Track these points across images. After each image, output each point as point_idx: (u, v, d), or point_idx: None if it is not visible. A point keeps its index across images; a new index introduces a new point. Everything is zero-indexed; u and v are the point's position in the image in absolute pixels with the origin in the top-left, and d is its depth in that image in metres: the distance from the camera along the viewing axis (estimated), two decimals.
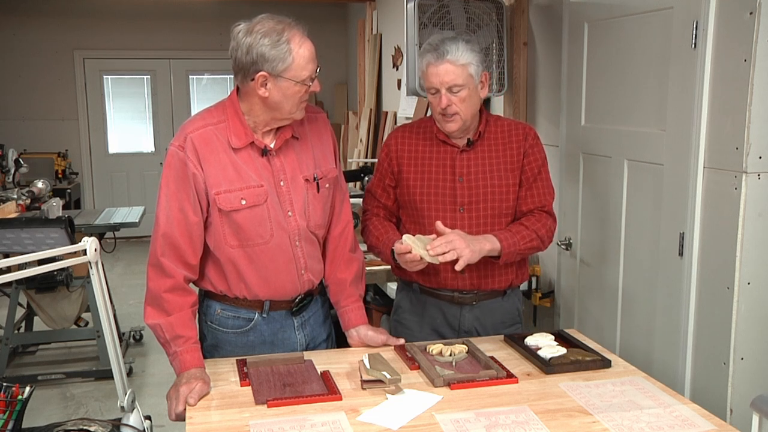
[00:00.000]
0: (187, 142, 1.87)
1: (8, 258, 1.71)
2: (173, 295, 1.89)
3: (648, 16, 2.48)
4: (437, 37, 2.10)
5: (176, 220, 1.88)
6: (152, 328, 1.90)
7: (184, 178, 1.87)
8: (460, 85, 2.05)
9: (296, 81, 1.82)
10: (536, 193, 2.20)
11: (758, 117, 2.06)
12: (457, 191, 2.16)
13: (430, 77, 2.06)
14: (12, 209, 4.27)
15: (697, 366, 2.33)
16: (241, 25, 1.83)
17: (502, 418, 1.62)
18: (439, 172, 2.18)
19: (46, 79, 7.97)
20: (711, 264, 2.25)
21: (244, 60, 1.81)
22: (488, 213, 2.16)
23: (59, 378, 4.20)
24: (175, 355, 1.87)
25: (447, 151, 2.18)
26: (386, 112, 6.19)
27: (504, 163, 2.17)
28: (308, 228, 1.99)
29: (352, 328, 2.10)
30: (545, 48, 3.26)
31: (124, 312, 5.36)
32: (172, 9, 8.01)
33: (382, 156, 2.28)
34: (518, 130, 2.21)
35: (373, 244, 2.24)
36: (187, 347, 1.87)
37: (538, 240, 2.16)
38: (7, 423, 1.83)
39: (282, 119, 1.91)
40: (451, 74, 2.03)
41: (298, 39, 1.81)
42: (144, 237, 8.20)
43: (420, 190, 2.18)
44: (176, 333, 1.87)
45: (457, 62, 2.03)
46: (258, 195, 1.90)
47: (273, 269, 1.96)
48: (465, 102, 2.07)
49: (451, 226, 2.12)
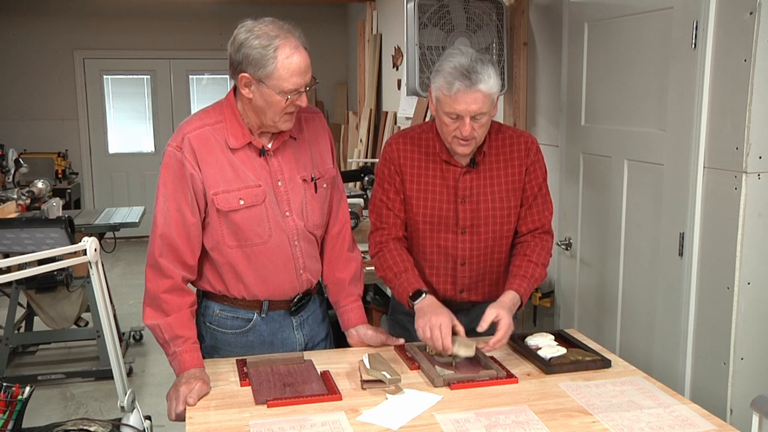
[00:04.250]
0: (184, 143, 1.87)
1: (8, 258, 1.71)
2: (172, 296, 1.89)
3: (648, 16, 2.48)
4: (464, 59, 1.93)
5: (174, 221, 1.88)
6: (151, 329, 1.90)
7: (181, 178, 1.87)
8: (484, 112, 1.95)
9: (276, 91, 1.79)
10: (536, 212, 2.16)
11: (758, 117, 2.06)
12: (459, 213, 2.11)
13: (458, 105, 1.92)
14: (12, 209, 4.26)
15: (697, 366, 2.33)
16: (247, 21, 1.83)
17: (502, 418, 1.62)
18: (442, 192, 2.11)
19: (46, 79, 7.97)
20: (711, 264, 2.25)
21: (234, 57, 1.82)
22: (489, 236, 2.13)
23: (59, 378, 4.20)
24: (174, 355, 1.87)
25: (449, 171, 2.11)
26: (386, 112, 6.19)
27: (506, 183, 2.13)
28: (306, 228, 1.99)
29: (352, 327, 2.10)
30: (545, 48, 3.26)
31: (124, 312, 5.36)
32: (172, 9, 8.01)
33: (383, 168, 2.17)
34: (520, 144, 2.14)
35: (387, 278, 2.12)
36: (186, 347, 1.87)
37: (545, 269, 2.15)
38: (7, 423, 1.83)
39: (268, 125, 1.89)
40: (480, 103, 1.92)
41: (287, 50, 1.77)
42: (144, 237, 8.20)
43: (423, 211, 2.13)
44: (175, 333, 1.87)
45: (488, 91, 1.92)
46: (256, 195, 1.90)
47: (272, 269, 1.96)
48: (483, 127, 2.00)
49: (452, 248, 2.12)
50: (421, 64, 3.08)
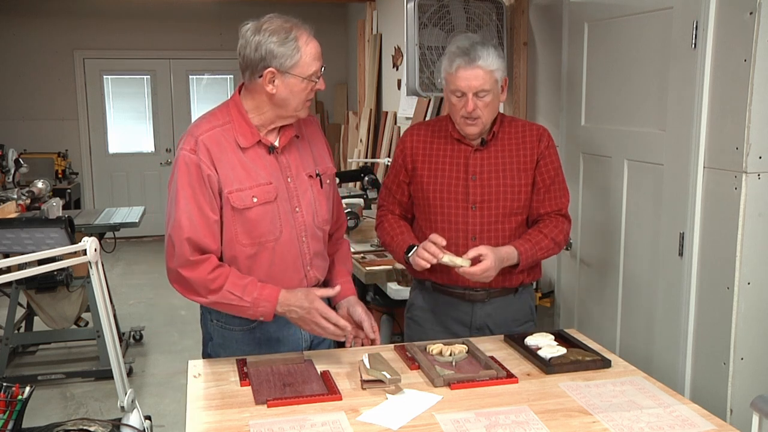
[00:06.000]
0: (198, 145, 1.90)
1: (8, 258, 1.71)
2: (216, 272, 1.89)
3: (648, 16, 2.48)
4: (466, 42, 2.12)
5: (199, 222, 1.89)
6: (217, 306, 1.92)
7: (200, 179, 1.89)
8: (486, 90, 2.09)
9: (303, 77, 1.87)
10: (553, 197, 2.25)
11: (758, 117, 2.06)
12: (470, 189, 2.19)
13: (459, 81, 2.09)
14: (12, 209, 4.26)
15: (697, 366, 2.33)
16: (249, 24, 1.89)
17: (502, 418, 1.62)
18: (452, 170, 2.22)
19: (46, 79, 7.97)
20: (711, 264, 2.25)
21: (253, 57, 1.86)
22: (500, 211, 2.20)
23: (59, 378, 4.20)
24: (256, 301, 1.88)
25: (461, 150, 2.22)
26: (386, 112, 6.19)
27: (517, 163, 2.21)
28: (314, 224, 2.03)
29: (343, 299, 2.11)
30: (545, 48, 3.26)
31: (124, 312, 5.35)
32: (172, 9, 8.01)
33: (398, 152, 2.34)
34: (532, 132, 2.25)
35: (386, 242, 2.31)
36: (257, 285, 1.90)
37: (556, 247, 2.23)
38: (7, 423, 1.83)
39: (287, 117, 1.95)
40: (481, 79, 2.08)
41: (305, 37, 1.87)
42: (144, 237, 8.22)
43: (433, 187, 2.23)
44: (240, 284, 1.89)
45: (487, 68, 2.08)
46: (268, 192, 1.94)
47: (281, 266, 1.99)
48: (488, 107, 2.12)
49: (463, 223, 2.19)
50: (421, 64, 3.09)
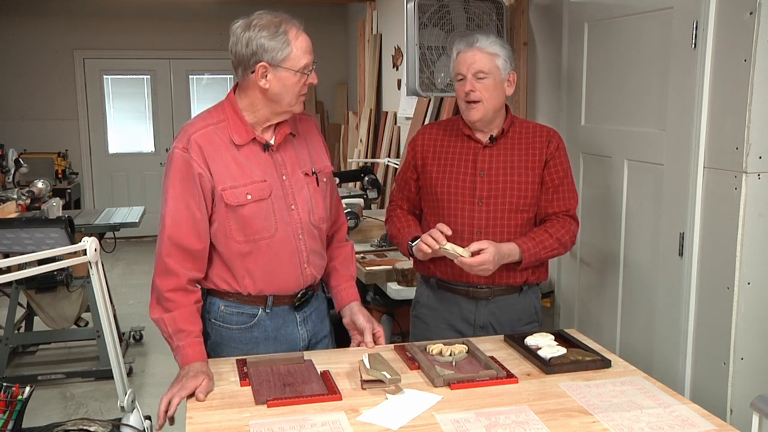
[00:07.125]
0: (191, 144, 1.91)
1: (8, 258, 1.71)
2: (176, 294, 1.92)
3: (648, 16, 2.48)
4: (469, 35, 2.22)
5: (183, 220, 1.91)
6: (156, 323, 1.94)
7: (189, 178, 1.90)
8: (485, 72, 2.13)
9: (295, 70, 1.88)
10: (562, 197, 2.25)
11: (758, 117, 2.06)
12: (477, 185, 2.21)
13: (459, 64, 2.16)
14: (12, 209, 4.26)
15: (697, 366, 2.33)
16: (239, 21, 1.91)
17: (502, 418, 1.62)
18: (461, 166, 2.24)
19: (46, 79, 7.97)
20: (711, 264, 2.25)
21: (244, 52, 1.87)
22: (506, 207, 2.21)
23: (59, 378, 4.20)
24: (177, 349, 1.90)
25: (470, 146, 2.25)
26: (386, 112, 6.19)
27: (525, 161, 2.23)
28: (310, 222, 2.03)
29: (345, 305, 2.13)
30: (545, 48, 3.26)
31: (124, 312, 5.35)
32: (172, 9, 8.01)
33: (409, 150, 2.38)
34: (542, 133, 2.27)
35: (393, 234, 2.36)
36: (189, 341, 1.89)
37: (561, 247, 2.23)
38: (7, 423, 1.83)
39: (282, 113, 1.96)
40: (478, 61, 2.13)
41: (294, 31, 1.89)
42: (144, 237, 8.21)
43: (441, 182, 2.25)
44: (179, 327, 1.90)
45: (485, 50, 2.14)
46: (262, 189, 1.94)
47: (277, 263, 1.99)
48: (489, 91, 2.15)
49: (469, 218, 2.21)
50: (421, 64, 3.09)
